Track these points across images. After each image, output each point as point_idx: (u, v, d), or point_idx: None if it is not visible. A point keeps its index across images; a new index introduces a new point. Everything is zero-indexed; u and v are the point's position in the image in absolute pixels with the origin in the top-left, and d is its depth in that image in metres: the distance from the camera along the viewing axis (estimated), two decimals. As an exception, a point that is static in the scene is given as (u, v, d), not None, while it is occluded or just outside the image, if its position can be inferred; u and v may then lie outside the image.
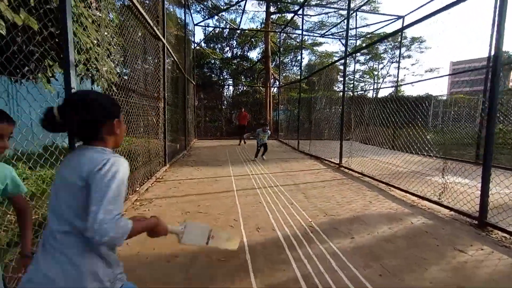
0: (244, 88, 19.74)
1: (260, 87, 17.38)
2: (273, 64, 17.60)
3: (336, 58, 23.09)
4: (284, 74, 21.20)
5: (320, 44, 20.07)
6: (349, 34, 6.19)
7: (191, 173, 5.24)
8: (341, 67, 28.49)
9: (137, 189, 3.70)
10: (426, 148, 5.04)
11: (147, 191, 3.92)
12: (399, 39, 12.79)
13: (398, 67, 11.14)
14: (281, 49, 17.62)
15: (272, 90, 15.05)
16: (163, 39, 5.08)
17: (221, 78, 19.85)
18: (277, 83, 16.59)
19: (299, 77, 15.57)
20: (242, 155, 7.88)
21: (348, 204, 3.59)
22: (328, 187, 4.46)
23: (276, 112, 15.33)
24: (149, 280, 1.87)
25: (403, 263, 2.15)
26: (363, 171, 5.34)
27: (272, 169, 5.88)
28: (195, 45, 12.97)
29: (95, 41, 2.40)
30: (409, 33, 25.97)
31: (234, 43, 22.33)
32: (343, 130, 6.14)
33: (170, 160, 6.20)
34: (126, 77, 3.72)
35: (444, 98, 15.75)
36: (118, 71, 3.14)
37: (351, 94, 16.34)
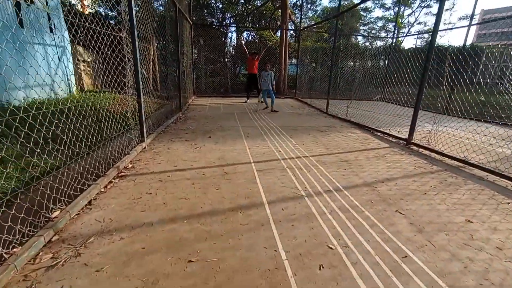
0: (250, 38, 16.58)
1: (272, 34, 14.29)
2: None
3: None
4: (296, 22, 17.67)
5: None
6: None
7: (184, 156, 3.19)
8: (363, 13, 24.15)
9: (53, 215, 1.69)
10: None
11: (86, 211, 1.92)
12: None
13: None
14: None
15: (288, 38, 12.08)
16: None
17: (224, 24, 16.53)
18: (293, 27, 13.52)
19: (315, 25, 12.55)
20: (257, 119, 5.74)
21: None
22: (433, 192, 2.43)
23: (293, 65, 12.66)
24: None
25: None
26: (454, 154, 3.27)
27: (310, 146, 3.82)
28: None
29: None
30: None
31: (239, -21, 18.34)
32: (422, 91, 3.87)
33: (155, 130, 4.12)
34: None
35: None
36: None
37: (382, 44, 13.31)
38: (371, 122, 5.56)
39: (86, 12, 12.74)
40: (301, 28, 10.52)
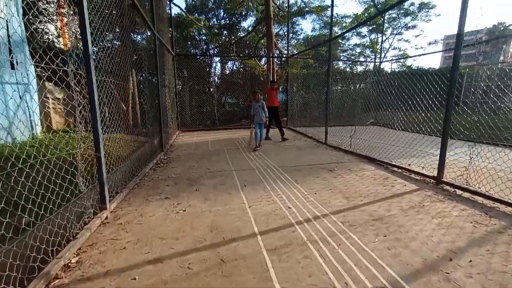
0: (235, 67, 16.46)
1: (258, 62, 14.16)
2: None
3: (348, 23, 19.85)
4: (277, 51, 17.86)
5: (327, 7, 16.72)
6: None
7: (162, 229, 2.29)
8: (341, 41, 25.10)
9: None
10: None
11: None
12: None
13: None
14: (284, 12, 14.29)
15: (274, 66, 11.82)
16: None
17: (208, 54, 16.37)
18: (279, 54, 13.45)
19: (297, 52, 12.61)
20: (252, 158, 4.95)
21: None
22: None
23: (283, 92, 12.30)
24: None
25: None
26: (503, 197, 2.58)
27: (324, 195, 3.02)
28: (170, 5, 9.39)
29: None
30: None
31: (222, 13, 18.76)
32: (450, 117, 3.28)
33: (126, 186, 3.20)
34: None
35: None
36: None
37: (372, 66, 13.37)
38: (379, 153, 4.91)
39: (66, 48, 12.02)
40: (289, 55, 10.26)
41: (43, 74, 1.79)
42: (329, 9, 17.70)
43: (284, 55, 13.80)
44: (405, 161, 4.42)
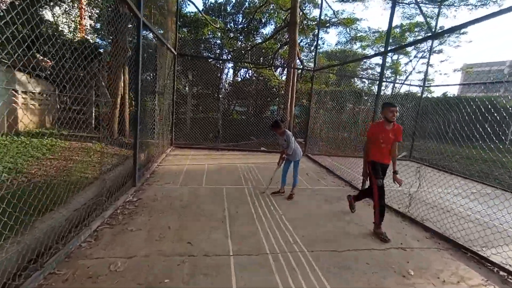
0: (248, 75, 14.92)
1: (274, 73, 12.60)
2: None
3: (374, 38, 18.22)
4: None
5: (356, 20, 15.16)
6: None
7: None
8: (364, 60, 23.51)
9: None
10: None
11: None
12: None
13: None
14: (310, 21, 12.78)
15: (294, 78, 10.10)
16: None
17: (221, 58, 14.91)
18: (301, 65, 11.86)
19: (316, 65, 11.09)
20: (263, 217, 3.18)
21: None
22: None
23: (299, 107, 10.63)
24: None
25: None
26: None
27: None
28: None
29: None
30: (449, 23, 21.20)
31: (240, 17, 17.45)
32: None
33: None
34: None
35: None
36: None
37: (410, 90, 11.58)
38: (457, 225, 3.09)
39: (80, 36, 10.60)
40: (315, 68, 8.57)
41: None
42: (358, 22, 16.19)
43: (306, 68, 12.21)
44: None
